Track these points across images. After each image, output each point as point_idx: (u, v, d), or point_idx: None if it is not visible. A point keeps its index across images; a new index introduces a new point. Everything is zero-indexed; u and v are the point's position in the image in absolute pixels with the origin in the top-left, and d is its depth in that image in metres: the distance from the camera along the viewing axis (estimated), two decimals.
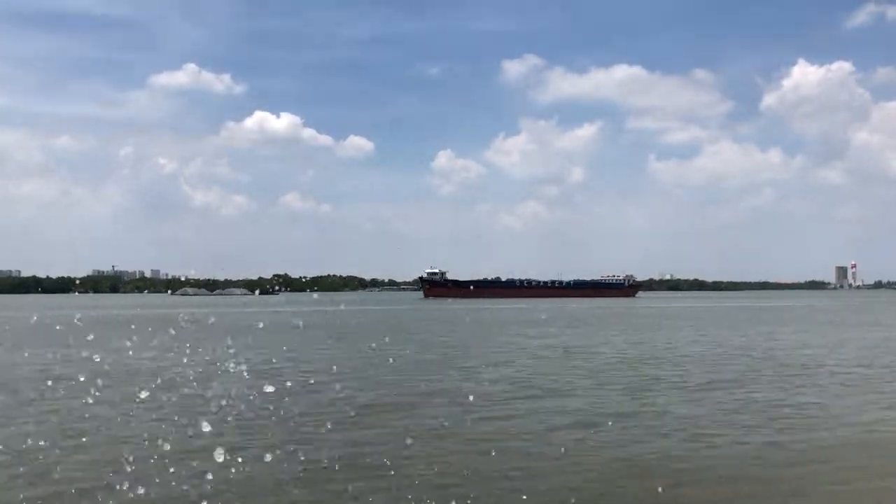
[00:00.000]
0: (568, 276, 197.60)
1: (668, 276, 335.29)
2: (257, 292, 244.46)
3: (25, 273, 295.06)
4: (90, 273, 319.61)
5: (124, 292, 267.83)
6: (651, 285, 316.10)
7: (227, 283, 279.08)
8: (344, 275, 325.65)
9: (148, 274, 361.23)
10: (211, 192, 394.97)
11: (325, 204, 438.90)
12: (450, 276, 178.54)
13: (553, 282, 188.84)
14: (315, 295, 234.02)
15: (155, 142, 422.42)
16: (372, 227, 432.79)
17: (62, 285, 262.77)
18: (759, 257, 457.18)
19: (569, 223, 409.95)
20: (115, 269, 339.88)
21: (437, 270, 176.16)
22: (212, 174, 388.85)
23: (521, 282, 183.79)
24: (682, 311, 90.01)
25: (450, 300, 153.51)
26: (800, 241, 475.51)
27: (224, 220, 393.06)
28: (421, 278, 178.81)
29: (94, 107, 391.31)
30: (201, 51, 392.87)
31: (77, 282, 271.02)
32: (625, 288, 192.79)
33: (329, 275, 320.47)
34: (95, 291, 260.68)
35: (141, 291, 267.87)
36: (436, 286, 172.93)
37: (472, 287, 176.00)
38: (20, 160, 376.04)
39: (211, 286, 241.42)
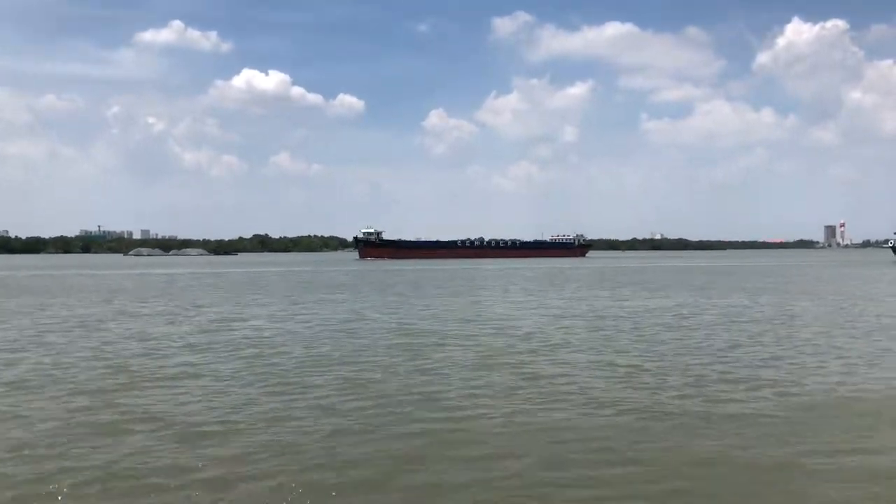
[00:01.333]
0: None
1: (658, 236, 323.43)
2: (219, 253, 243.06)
3: (15, 234, 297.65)
4: (79, 233, 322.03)
5: (96, 252, 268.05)
6: (634, 245, 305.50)
7: (203, 244, 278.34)
8: (326, 235, 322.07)
9: (137, 234, 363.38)
10: (201, 153, 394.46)
11: (315, 164, 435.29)
12: (387, 237, 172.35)
13: (500, 242, 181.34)
14: (260, 255, 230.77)
15: (143, 101, 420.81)
16: (363, 187, 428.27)
17: (33, 246, 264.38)
18: (750, 217, 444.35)
19: (561, 183, 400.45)
20: (102, 229, 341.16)
21: (372, 230, 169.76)
22: (201, 133, 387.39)
23: (464, 242, 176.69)
24: (597, 272, 79.85)
25: (383, 260, 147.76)
26: (791, 200, 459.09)
27: (214, 180, 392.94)
28: (356, 238, 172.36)
29: (80, 65, 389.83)
30: (187, 7, 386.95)
31: (48, 242, 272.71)
32: (574, 248, 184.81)
33: (309, 235, 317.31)
34: (66, 252, 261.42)
35: (115, 252, 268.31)
36: (370, 246, 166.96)
37: (407, 248, 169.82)
38: (6, 119, 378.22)
39: (166, 246, 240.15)
